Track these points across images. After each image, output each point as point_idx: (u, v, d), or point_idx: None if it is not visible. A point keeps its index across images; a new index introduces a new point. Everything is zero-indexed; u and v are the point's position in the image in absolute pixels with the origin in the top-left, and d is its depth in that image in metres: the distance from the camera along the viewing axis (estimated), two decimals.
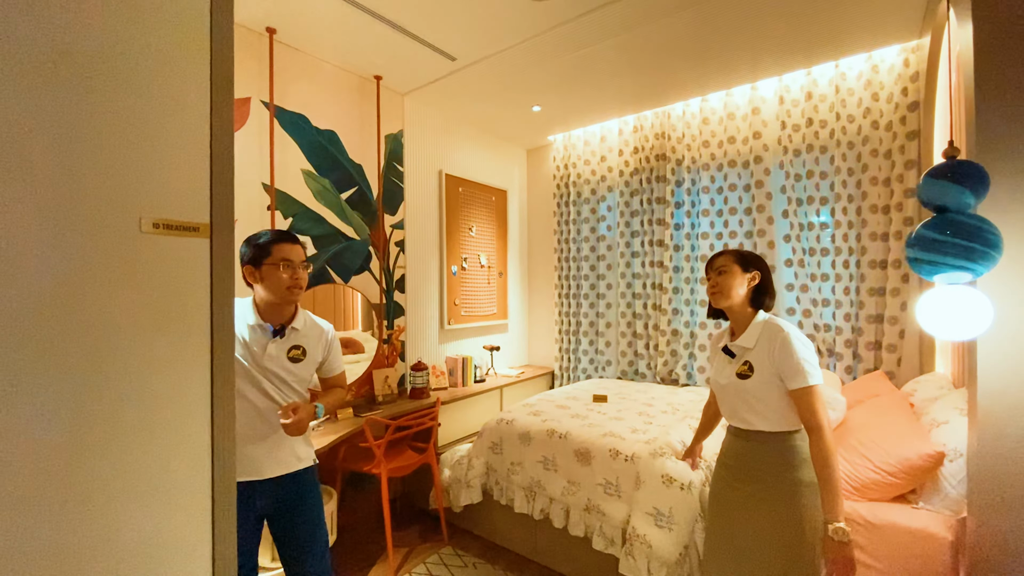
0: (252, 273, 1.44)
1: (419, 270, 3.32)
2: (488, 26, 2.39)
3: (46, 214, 0.56)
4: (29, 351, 0.55)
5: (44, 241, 0.56)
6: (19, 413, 0.55)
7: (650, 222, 3.53)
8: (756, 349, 1.39)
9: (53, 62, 0.57)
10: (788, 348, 1.32)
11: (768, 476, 1.36)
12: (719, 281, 1.46)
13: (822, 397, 1.30)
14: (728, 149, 3.20)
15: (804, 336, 1.37)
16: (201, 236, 0.69)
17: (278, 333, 1.46)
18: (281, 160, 2.50)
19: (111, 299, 0.61)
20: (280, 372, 1.46)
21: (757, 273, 1.45)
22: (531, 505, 2.40)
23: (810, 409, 1.29)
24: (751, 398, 1.39)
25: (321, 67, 2.69)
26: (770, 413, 1.36)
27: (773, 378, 1.35)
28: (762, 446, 1.39)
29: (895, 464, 1.60)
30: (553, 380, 4.17)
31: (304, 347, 1.51)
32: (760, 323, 1.42)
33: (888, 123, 2.63)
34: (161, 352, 0.65)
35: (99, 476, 0.60)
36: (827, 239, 2.86)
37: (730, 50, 2.63)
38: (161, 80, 0.65)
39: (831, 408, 1.90)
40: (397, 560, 2.47)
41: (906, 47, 2.57)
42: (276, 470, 1.46)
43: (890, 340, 2.62)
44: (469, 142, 3.77)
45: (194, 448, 0.69)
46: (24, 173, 0.55)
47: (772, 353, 1.35)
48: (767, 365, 1.35)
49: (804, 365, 1.30)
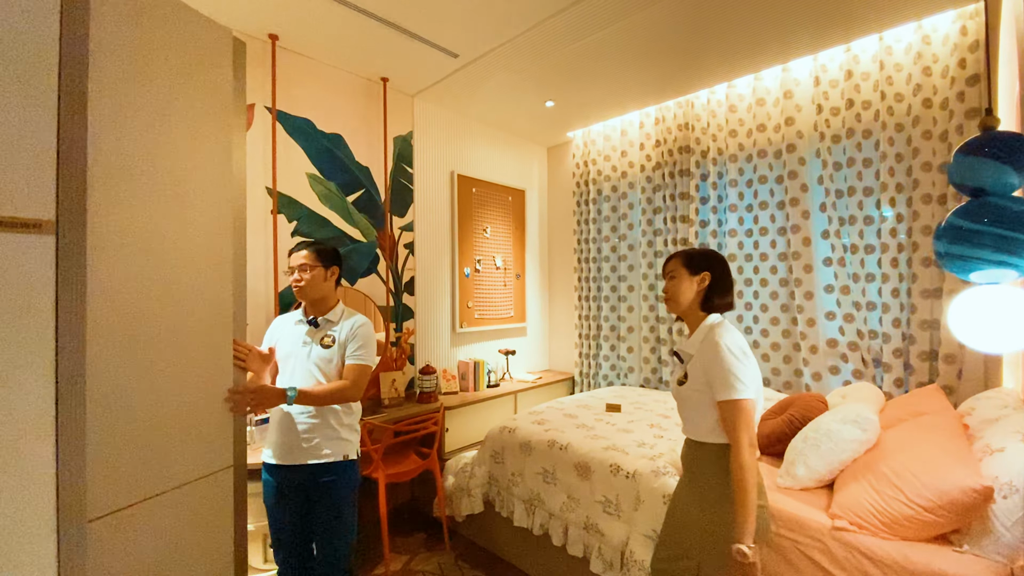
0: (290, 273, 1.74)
1: (429, 272, 3.28)
2: (486, 19, 2.30)
3: None
4: None
5: None
6: None
7: (673, 220, 3.30)
8: (696, 356, 1.35)
9: None
10: (719, 358, 1.27)
11: (703, 485, 1.34)
12: (668, 287, 1.44)
13: (746, 412, 1.24)
14: (758, 138, 2.93)
15: (743, 347, 1.31)
16: (43, 233, 0.63)
17: (313, 323, 1.72)
18: (286, 164, 2.53)
19: None
20: (315, 358, 1.67)
21: (707, 274, 1.40)
22: (531, 519, 2.27)
23: (731, 423, 1.24)
24: (686, 405, 1.38)
25: (325, 71, 2.71)
26: (702, 422, 1.33)
27: (705, 387, 1.31)
28: (699, 455, 1.37)
29: (932, 498, 1.35)
30: (573, 386, 4.01)
31: (335, 336, 1.71)
32: (705, 328, 1.37)
33: (943, 100, 2.29)
34: None
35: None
36: (872, 234, 2.53)
37: (757, 28, 2.39)
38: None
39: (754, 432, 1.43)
40: (396, 567, 2.42)
41: (963, 12, 2.23)
42: (304, 458, 1.63)
43: (948, 349, 2.27)
44: (484, 142, 3.70)
45: (30, 467, 0.63)
46: None
47: (704, 361, 1.31)
48: (700, 373, 1.32)
49: (730, 378, 1.25)
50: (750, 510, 1.18)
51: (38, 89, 0.64)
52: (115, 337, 0.81)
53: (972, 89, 2.21)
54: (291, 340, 1.71)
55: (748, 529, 1.18)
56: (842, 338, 2.62)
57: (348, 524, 1.69)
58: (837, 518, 1.50)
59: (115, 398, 0.80)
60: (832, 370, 2.68)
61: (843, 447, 1.67)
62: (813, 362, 2.72)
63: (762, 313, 2.94)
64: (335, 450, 1.67)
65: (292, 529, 1.66)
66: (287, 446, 1.63)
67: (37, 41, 0.64)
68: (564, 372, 4.09)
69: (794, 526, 1.56)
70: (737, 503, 1.19)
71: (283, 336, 1.74)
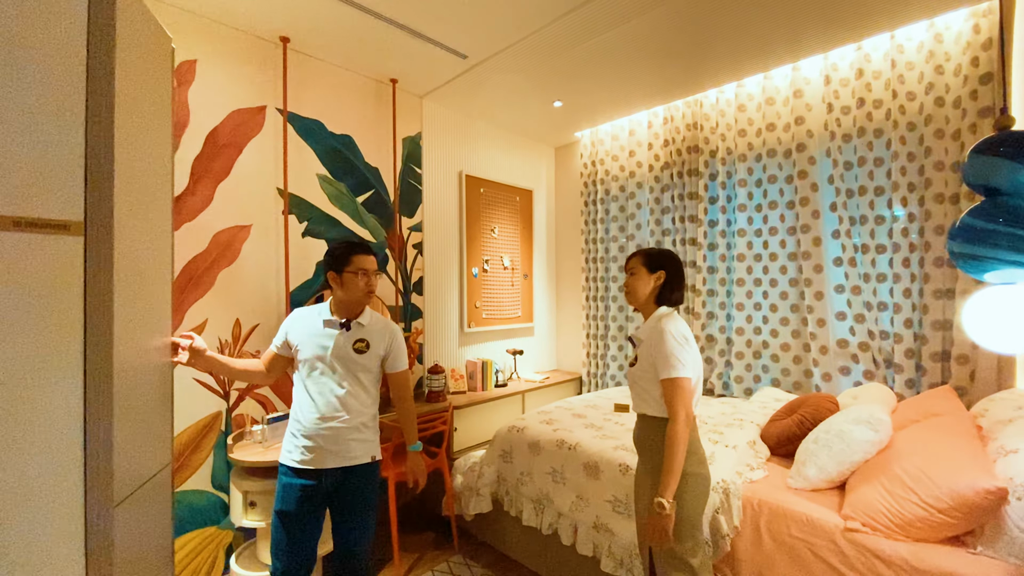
0: (335, 279, 1.68)
1: (437, 272, 3.30)
2: (495, 20, 2.31)
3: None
4: None
5: None
6: None
7: (682, 219, 3.30)
8: (646, 340, 1.53)
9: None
10: (661, 342, 1.46)
11: (654, 454, 1.50)
12: (628, 282, 1.63)
13: (684, 390, 1.42)
14: (767, 137, 2.91)
15: (683, 334, 1.49)
16: (72, 234, 0.65)
17: (345, 326, 1.68)
18: (296, 165, 2.55)
19: None
20: (347, 361, 1.66)
21: (663, 272, 1.57)
22: (540, 519, 2.28)
23: (668, 398, 1.43)
24: (636, 384, 1.56)
25: (335, 73, 2.73)
26: (648, 398, 1.52)
27: (651, 368, 1.49)
28: (647, 428, 1.54)
29: (946, 499, 1.34)
30: (581, 386, 4.01)
31: (368, 340, 1.70)
32: (655, 317, 1.55)
33: (956, 99, 2.28)
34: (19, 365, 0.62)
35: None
36: (883, 234, 2.51)
37: (767, 26, 2.38)
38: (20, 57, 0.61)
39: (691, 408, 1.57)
40: (404, 566, 2.43)
41: (976, 11, 2.21)
42: (336, 462, 1.63)
43: (961, 350, 2.25)
44: (492, 142, 3.71)
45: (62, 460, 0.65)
46: None
47: (651, 345, 1.49)
48: (647, 355, 1.50)
49: (671, 359, 1.43)
50: (675, 471, 1.38)
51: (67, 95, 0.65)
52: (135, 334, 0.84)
53: (985, 88, 2.19)
54: (317, 341, 1.66)
55: (671, 487, 1.37)
56: (853, 338, 2.61)
57: (372, 526, 1.71)
58: (849, 519, 1.49)
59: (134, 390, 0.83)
60: (843, 371, 2.67)
61: (855, 448, 1.66)
62: (823, 363, 2.71)
63: (771, 313, 2.93)
64: (364, 452, 1.68)
65: (303, 535, 1.63)
66: (321, 450, 1.61)
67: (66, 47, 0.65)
68: (571, 372, 4.09)
69: (805, 527, 1.56)
70: (665, 463, 1.39)
71: (306, 335, 1.68)
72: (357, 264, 1.67)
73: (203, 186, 2.23)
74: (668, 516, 1.36)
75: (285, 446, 1.67)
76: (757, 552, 1.63)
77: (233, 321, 2.31)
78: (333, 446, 1.63)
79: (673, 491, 1.38)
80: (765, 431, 2.19)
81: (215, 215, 2.26)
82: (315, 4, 2.16)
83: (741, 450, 2.01)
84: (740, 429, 2.21)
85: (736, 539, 1.69)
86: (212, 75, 2.26)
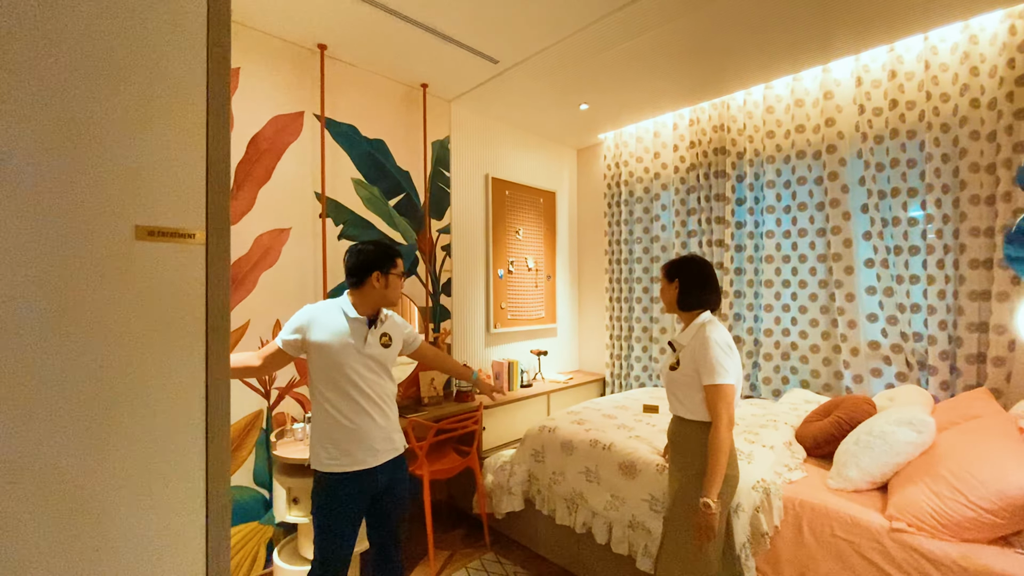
0: (380, 279, 1.68)
1: (465, 274, 3.34)
2: (529, 25, 2.35)
3: (37, 221, 0.58)
4: (23, 359, 0.57)
5: (37, 249, 0.58)
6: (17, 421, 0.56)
7: (708, 221, 3.31)
8: (688, 346, 1.59)
9: (39, 56, 0.58)
10: (707, 349, 1.52)
11: (687, 455, 1.58)
12: (660, 292, 1.75)
13: (727, 396, 1.48)
14: (796, 139, 2.92)
15: (727, 342, 1.55)
16: (196, 243, 0.70)
17: (372, 323, 1.70)
18: (332, 170, 2.61)
19: (105, 308, 0.63)
20: (377, 356, 1.69)
21: (678, 280, 1.67)
22: (573, 517, 2.31)
23: (713, 403, 1.49)
24: (676, 387, 1.62)
25: (369, 78, 2.79)
26: (688, 402, 1.58)
27: (694, 373, 1.55)
28: (684, 430, 1.61)
29: (994, 500, 1.35)
30: (604, 387, 4.03)
31: (390, 335, 1.76)
32: (697, 324, 1.61)
33: (991, 100, 2.27)
34: (155, 360, 0.66)
35: (94, 484, 0.62)
36: (917, 236, 2.51)
37: (797, 29, 2.39)
38: (155, 80, 0.66)
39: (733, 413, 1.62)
40: (439, 563, 2.48)
41: (1012, 12, 2.20)
42: (387, 456, 1.68)
43: (997, 352, 2.24)
44: (516, 145, 3.75)
45: (188, 457, 0.70)
46: (12, 177, 0.56)
47: (695, 351, 1.55)
48: (690, 361, 1.56)
49: (716, 366, 1.49)
50: (719, 472, 1.45)
51: (193, 116, 0.70)
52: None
53: (1022, 89, 2.18)
54: (340, 337, 1.61)
55: (716, 487, 1.44)
56: (884, 340, 2.60)
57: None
58: (895, 519, 1.51)
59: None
60: (874, 372, 2.66)
61: (897, 449, 1.67)
62: (854, 364, 2.70)
63: (800, 315, 2.93)
64: (401, 441, 1.76)
65: (353, 535, 1.64)
66: (374, 449, 1.63)
67: (193, 75, 0.70)
68: (594, 373, 4.12)
69: (849, 527, 1.57)
70: (709, 465, 1.46)
71: (331, 334, 1.61)
72: (400, 267, 1.73)
73: (246, 190, 2.29)
74: (714, 515, 1.43)
75: (328, 454, 1.59)
76: (799, 551, 1.65)
77: (274, 322, 2.37)
78: (383, 443, 1.67)
79: (717, 491, 1.44)
80: (800, 432, 2.20)
81: (257, 218, 2.32)
82: (353, 12, 2.21)
83: (778, 451, 2.03)
84: (775, 430, 2.22)
85: (777, 538, 1.71)
86: (254, 82, 2.32)
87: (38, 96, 0.58)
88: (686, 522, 1.52)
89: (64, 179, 0.60)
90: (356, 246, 1.71)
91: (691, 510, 1.51)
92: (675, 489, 1.61)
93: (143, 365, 0.65)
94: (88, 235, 0.61)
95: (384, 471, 1.67)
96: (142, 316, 0.65)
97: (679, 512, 1.57)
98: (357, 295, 1.68)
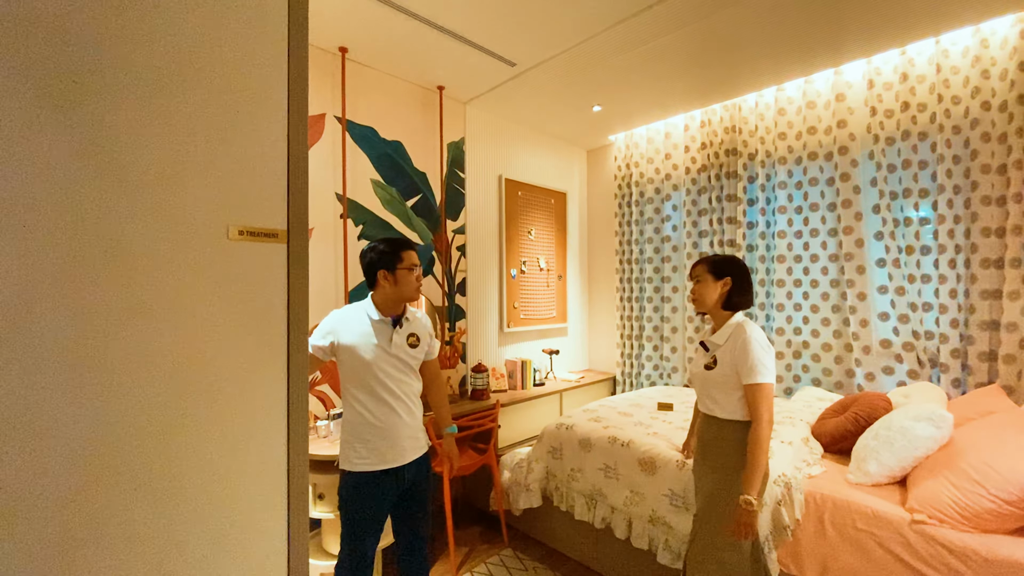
0: (388, 277, 1.66)
1: (479, 274, 3.38)
2: (547, 29, 2.39)
3: (146, 221, 0.62)
4: (125, 352, 0.60)
5: (143, 247, 0.61)
6: (112, 409, 0.60)
7: (719, 221, 3.35)
8: (724, 346, 1.59)
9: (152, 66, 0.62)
10: (747, 348, 1.51)
11: (722, 454, 1.58)
12: (696, 289, 1.68)
13: (768, 395, 1.49)
14: (808, 140, 2.96)
15: (765, 341, 1.55)
16: (279, 241, 0.74)
17: (397, 323, 1.69)
18: (352, 171, 2.65)
19: (202, 305, 0.66)
20: (404, 357, 1.69)
21: (729, 279, 1.63)
22: (592, 513, 2.34)
23: (755, 402, 1.49)
24: (712, 387, 1.61)
25: (388, 81, 2.83)
26: (725, 402, 1.58)
27: (732, 372, 1.55)
28: (719, 430, 1.60)
29: (1013, 492, 1.40)
30: (615, 386, 4.07)
31: (417, 334, 1.75)
32: (733, 324, 1.61)
33: (1002, 103, 2.31)
34: (245, 356, 0.70)
35: (187, 473, 0.65)
36: (928, 236, 2.55)
37: (809, 33, 2.44)
38: (247, 90, 0.70)
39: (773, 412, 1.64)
40: (458, 559, 2.51)
41: (1022, 16, 2.25)
42: (414, 454, 1.70)
43: (1008, 350, 2.29)
44: (528, 146, 3.79)
45: (273, 451, 0.73)
46: (126, 178, 0.60)
47: (734, 351, 1.54)
48: (728, 360, 1.55)
49: (757, 365, 1.49)
50: (760, 470, 1.46)
51: (275, 112, 0.74)
52: None
53: None
54: (366, 339, 1.63)
55: (755, 485, 1.45)
56: (896, 339, 2.64)
57: None
58: (916, 512, 1.55)
59: None
60: (886, 370, 2.71)
61: (917, 444, 1.71)
62: (866, 362, 2.75)
63: (812, 314, 2.97)
64: (426, 439, 1.78)
65: (379, 532, 1.67)
66: (403, 448, 1.66)
67: (277, 84, 0.74)
68: (604, 372, 4.16)
69: (871, 520, 1.61)
70: (750, 463, 1.46)
71: (358, 336, 1.63)
72: (408, 260, 1.67)
73: None
74: (755, 512, 1.44)
75: (358, 454, 1.62)
76: (821, 544, 1.69)
77: None
78: (411, 442, 1.70)
79: (757, 489, 1.46)
80: (817, 429, 2.24)
81: None
82: (374, 15, 2.24)
83: (796, 446, 2.07)
84: (792, 427, 2.26)
85: (799, 531, 1.75)
86: None
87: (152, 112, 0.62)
88: (722, 519, 1.53)
89: (174, 181, 0.63)
90: (363, 249, 1.72)
91: (729, 507, 1.51)
92: (708, 488, 1.61)
93: (234, 361, 0.69)
94: (188, 235, 0.65)
95: (410, 469, 1.69)
96: (234, 312, 0.69)
97: (715, 510, 1.57)
98: (376, 296, 1.70)
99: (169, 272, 0.63)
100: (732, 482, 1.53)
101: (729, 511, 1.51)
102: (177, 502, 0.64)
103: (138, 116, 0.61)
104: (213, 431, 0.67)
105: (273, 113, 0.73)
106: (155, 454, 0.62)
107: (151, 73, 0.62)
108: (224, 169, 0.68)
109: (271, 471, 0.72)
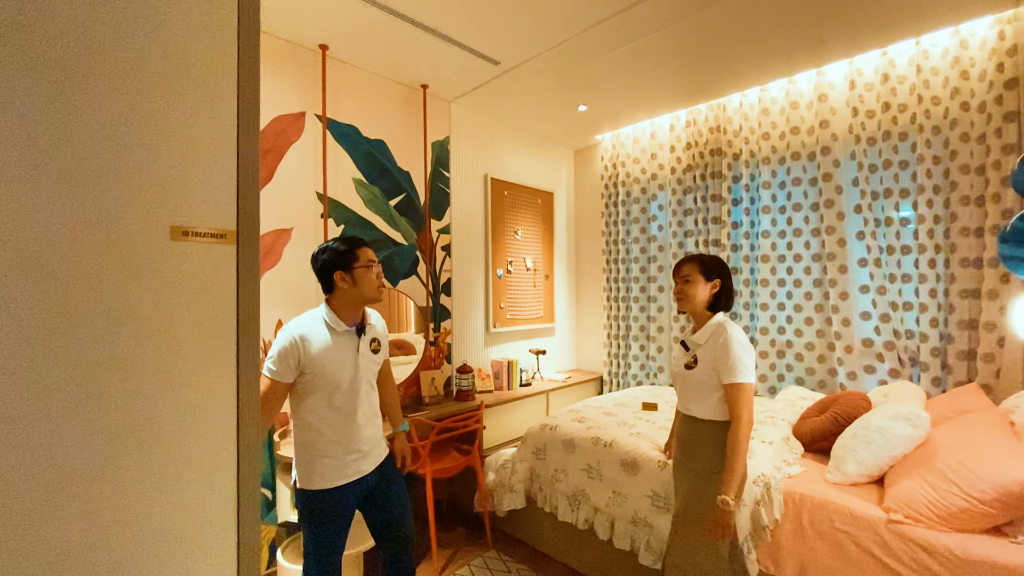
0: (345, 278, 1.54)
1: (465, 274, 3.36)
2: (531, 28, 2.37)
3: (72, 222, 0.58)
4: (53, 358, 0.57)
5: (71, 248, 0.58)
6: (44, 418, 0.57)
7: (705, 221, 3.35)
8: (705, 346, 1.59)
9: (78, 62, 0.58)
10: (727, 347, 1.51)
11: (701, 455, 1.58)
12: (684, 289, 1.65)
13: (748, 395, 1.49)
14: (791, 141, 2.97)
15: (746, 341, 1.55)
16: (228, 243, 0.71)
17: (361, 331, 1.61)
18: (333, 170, 2.62)
19: (139, 307, 0.63)
20: (370, 365, 1.63)
21: (718, 281, 1.63)
22: (575, 514, 2.33)
23: (734, 402, 1.49)
24: (692, 387, 1.61)
25: (370, 79, 2.80)
26: (705, 402, 1.58)
27: (712, 372, 1.54)
28: (698, 430, 1.61)
29: (988, 491, 1.40)
30: (602, 386, 4.07)
31: (379, 339, 1.69)
32: (714, 324, 1.61)
33: (981, 104, 2.33)
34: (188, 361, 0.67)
35: (125, 482, 0.63)
36: (909, 235, 2.57)
37: (792, 33, 2.44)
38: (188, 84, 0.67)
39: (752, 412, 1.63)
40: (442, 561, 2.49)
41: (1000, 18, 2.27)
42: (376, 460, 1.65)
43: (987, 349, 2.31)
44: (515, 146, 3.77)
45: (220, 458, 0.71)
46: (50, 176, 0.56)
47: (715, 350, 1.54)
48: (709, 360, 1.55)
49: (738, 364, 1.49)
50: (738, 471, 1.46)
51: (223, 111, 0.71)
52: None
53: (1011, 92, 2.25)
54: (331, 353, 1.51)
55: (733, 485, 1.45)
56: (878, 338, 2.66)
57: None
58: (892, 511, 1.55)
59: None
60: (868, 369, 2.72)
61: (894, 443, 1.72)
62: (848, 362, 2.76)
63: (796, 313, 2.99)
64: (385, 446, 1.74)
65: (344, 539, 1.60)
66: (366, 456, 1.61)
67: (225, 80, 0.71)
68: (592, 372, 4.15)
69: (848, 519, 1.61)
70: (728, 464, 1.47)
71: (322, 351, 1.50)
72: (365, 257, 1.55)
73: None
74: (732, 512, 1.45)
75: (318, 472, 1.51)
76: (799, 544, 1.69)
77: (276, 322, 2.37)
78: (377, 448, 1.67)
79: (735, 489, 1.46)
80: (798, 428, 2.25)
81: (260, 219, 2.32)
82: (355, 12, 2.21)
83: (777, 446, 2.07)
84: (773, 426, 2.26)
85: (777, 531, 1.75)
86: None
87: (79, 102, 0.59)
88: (700, 520, 1.53)
89: (105, 179, 0.60)
90: (313, 253, 1.59)
91: (707, 508, 1.51)
92: (686, 488, 1.62)
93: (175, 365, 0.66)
94: (125, 235, 0.62)
95: (373, 474, 1.64)
96: (174, 316, 0.66)
97: (693, 510, 1.57)
98: (333, 301, 1.57)
99: (101, 279, 0.60)
100: (710, 482, 1.53)
101: (707, 511, 1.52)
102: (121, 540, 0.61)
103: (61, 105, 0.57)
104: (149, 439, 0.64)
105: (221, 104, 0.70)
106: (91, 462, 0.59)
107: (76, 56, 0.58)
108: (164, 164, 0.64)
109: (216, 515, 0.69)
